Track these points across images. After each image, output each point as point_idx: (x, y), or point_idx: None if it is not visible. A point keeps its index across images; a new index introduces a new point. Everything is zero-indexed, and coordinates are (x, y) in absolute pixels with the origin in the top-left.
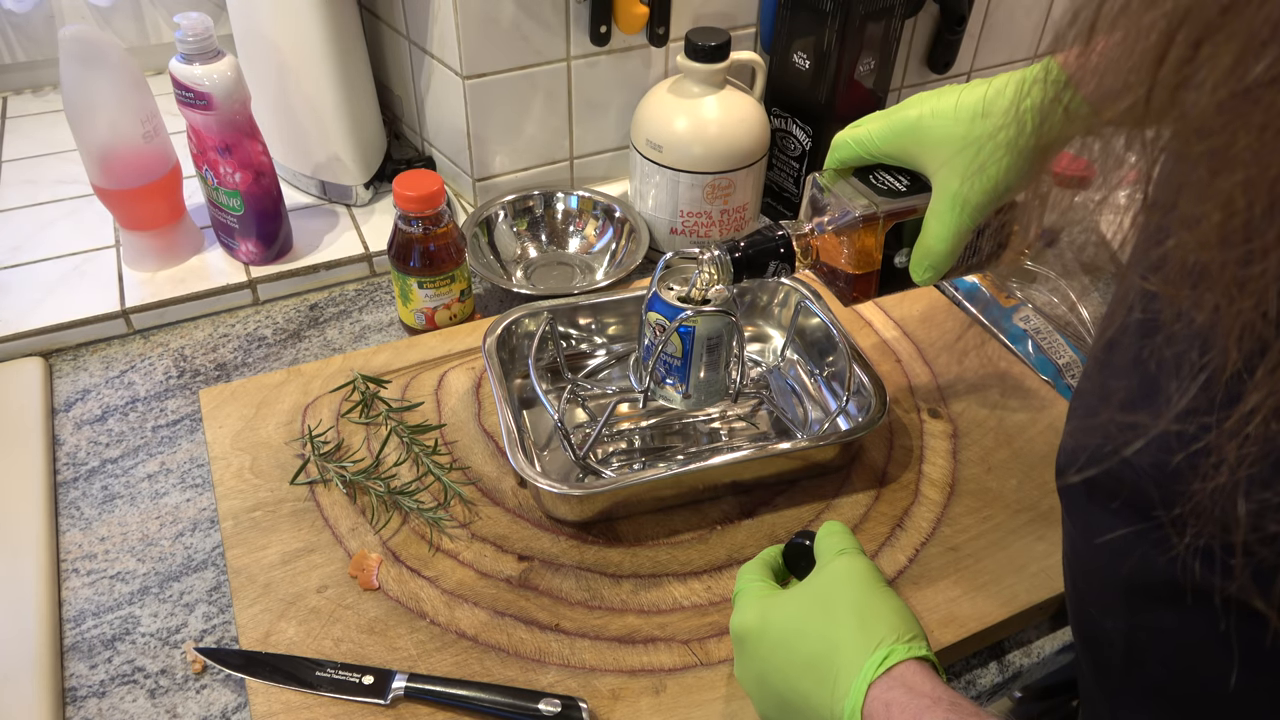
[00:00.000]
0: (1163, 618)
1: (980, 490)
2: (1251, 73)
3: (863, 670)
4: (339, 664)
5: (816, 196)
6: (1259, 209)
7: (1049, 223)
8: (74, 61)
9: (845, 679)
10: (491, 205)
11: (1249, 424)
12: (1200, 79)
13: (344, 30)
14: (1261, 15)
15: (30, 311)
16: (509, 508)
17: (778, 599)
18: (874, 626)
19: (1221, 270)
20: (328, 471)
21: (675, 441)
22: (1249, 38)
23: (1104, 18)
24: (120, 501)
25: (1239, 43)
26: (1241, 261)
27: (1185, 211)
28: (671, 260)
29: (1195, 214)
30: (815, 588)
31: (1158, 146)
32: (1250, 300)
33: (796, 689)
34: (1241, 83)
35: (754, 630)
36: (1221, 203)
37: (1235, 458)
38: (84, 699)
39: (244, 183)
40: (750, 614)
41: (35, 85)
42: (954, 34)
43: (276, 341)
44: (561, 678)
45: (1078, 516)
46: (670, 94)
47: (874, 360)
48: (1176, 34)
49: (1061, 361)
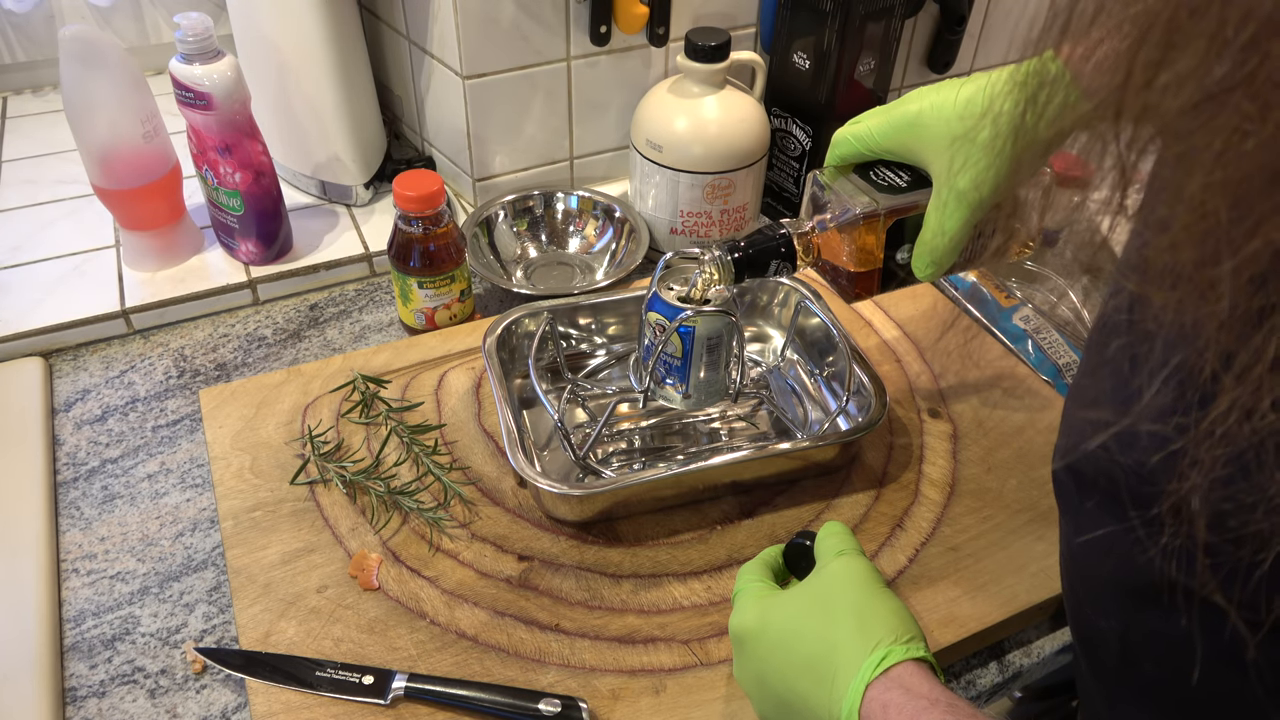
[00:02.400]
0: (1153, 618)
1: (980, 490)
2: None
3: (860, 671)
4: (339, 664)
5: (817, 194)
6: (1226, 211)
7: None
8: (74, 61)
9: (843, 680)
10: (491, 205)
11: (1221, 425)
12: (1168, 82)
13: (344, 30)
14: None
15: (30, 311)
16: (509, 508)
17: (777, 599)
18: (872, 627)
19: (1193, 271)
20: (328, 471)
21: (675, 441)
22: (1213, 40)
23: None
24: (120, 501)
25: (1204, 45)
26: (1211, 262)
27: (1159, 214)
28: (671, 260)
29: (1167, 216)
30: (814, 589)
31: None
32: (1222, 302)
33: (795, 689)
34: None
35: (753, 631)
36: (1191, 205)
37: (1208, 459)
38: (84, 699)
39: (244, 183)
40: (749, 614)
41: (35, 85)
42: (954, 34)
43: (276, 341)
44: (561, 678)
45: (1070, 517)
46: (670, 94)
47: (874, 360)
48: (1147, 35)
49: (1061, 361)
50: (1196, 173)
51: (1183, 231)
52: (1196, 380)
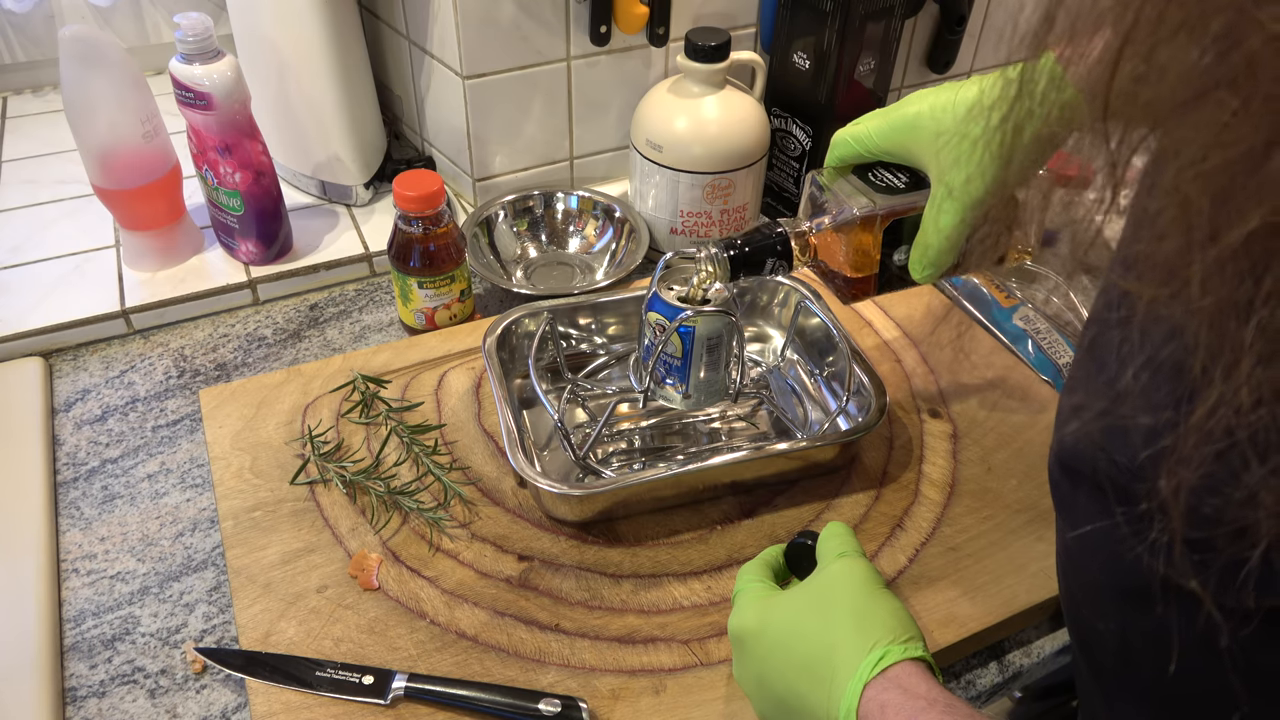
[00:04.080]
0: (1149, 620)
1: (980, 490)
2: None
3: (858, 671)
4: (339, 664)
5: (816, 194)
6: (1209, 201)
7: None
8: (74, 61)
9: (841, 680)
10: (491, 205)
11: (1210, 421)
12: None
13: (344, 30)
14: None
15: (30, 311)
16: (509, 508)
17: (777, 600)
18: (871, 628)
19: (1178, 263)
20: (328, 471)
21: (675, 441)
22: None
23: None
24: (120, 501)
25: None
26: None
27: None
28: (671, 260)
29: (1154, 209)
30: (814, 590)
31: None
32: (1207, 297)
33: (794, 690)
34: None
35: (752, 631)
36: (1175, 196)
37: (1196, 455)
38: (84, 699)
39: (244, 183)
40: (749, 615)
41: (35, 85)
42: (954, 34)
43: (276, 341)
44: (561, 678)
45: (1065, 514)
46: (670, 94)
47: (874, 360)
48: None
49: (1061, 361)
50: (1182, 164)
51: (1168, 223)
52: (1185, 376)
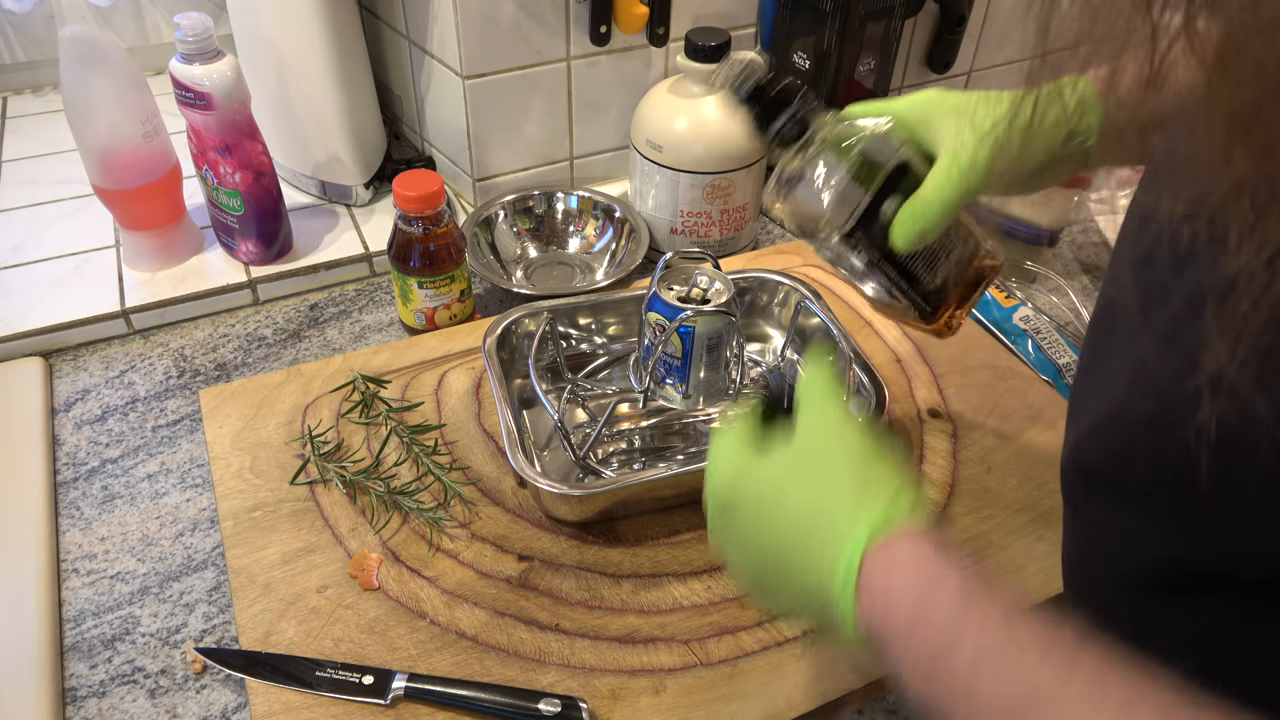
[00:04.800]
0: (1172, 611)
1: (980, 490)
2: None
3: (854, 539)
4: (339, 664)
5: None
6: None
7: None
8: (74, 61)
9: (835, 550)
10: (491, 205)
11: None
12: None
13: (344, 30)
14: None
15: (30, 311)
16: (509, 508)
17: (761, 462)
18: (869, 492)
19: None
20: (328, 471)
21: (675, 441)
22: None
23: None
24: (120, 501)
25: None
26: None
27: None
28: (671, 260)
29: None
30: (802, 449)
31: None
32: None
33: (784, 560)
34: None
35: (735, 494)
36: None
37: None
38: (84, 699)
39: (244, 183)
40: (728, 476)
41: (35, 85)
42: (954, 34)
43: (276, 341)
44: (561, 678)
45: (1080, 514)
46: (670, 94)
47: (874, 360)
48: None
49: (1061, 361)
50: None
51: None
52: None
